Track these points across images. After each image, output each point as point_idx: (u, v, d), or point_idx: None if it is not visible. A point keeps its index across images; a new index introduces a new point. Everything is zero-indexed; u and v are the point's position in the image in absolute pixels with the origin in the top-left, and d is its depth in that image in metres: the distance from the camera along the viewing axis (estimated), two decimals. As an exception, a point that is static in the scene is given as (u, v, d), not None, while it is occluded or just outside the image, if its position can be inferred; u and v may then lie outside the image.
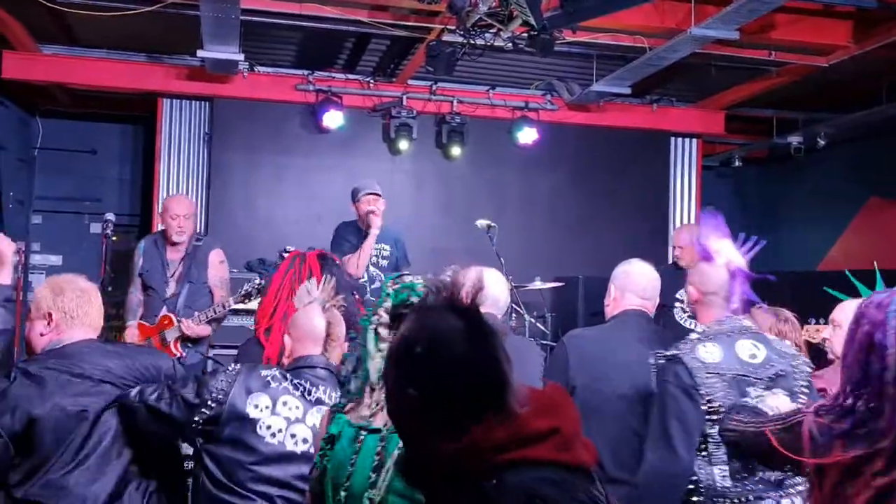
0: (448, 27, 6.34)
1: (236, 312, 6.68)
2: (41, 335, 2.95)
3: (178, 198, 6.10)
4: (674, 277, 6.27)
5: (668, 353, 2.93)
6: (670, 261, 8.70)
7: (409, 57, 7.83)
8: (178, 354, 5.48)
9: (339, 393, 2.61)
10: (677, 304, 6.16)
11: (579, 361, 3.46)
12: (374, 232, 5.82)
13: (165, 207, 5.81)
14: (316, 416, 2.73)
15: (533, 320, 6.33)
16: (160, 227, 6.07)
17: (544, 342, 6.40)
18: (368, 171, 8.49)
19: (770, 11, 5.98)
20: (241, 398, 2.71)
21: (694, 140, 9.56)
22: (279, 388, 2.76)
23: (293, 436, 2.73)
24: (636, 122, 9.11)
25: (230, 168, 8.28)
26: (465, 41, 5.72)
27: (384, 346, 2.05)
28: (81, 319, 2.96)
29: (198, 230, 6.26)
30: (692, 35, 6.23)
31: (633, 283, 3.58)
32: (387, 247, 6.08)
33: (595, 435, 2.71)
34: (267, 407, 2.72)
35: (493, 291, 3.58)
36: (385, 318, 2.08)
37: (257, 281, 5.29)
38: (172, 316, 5.56)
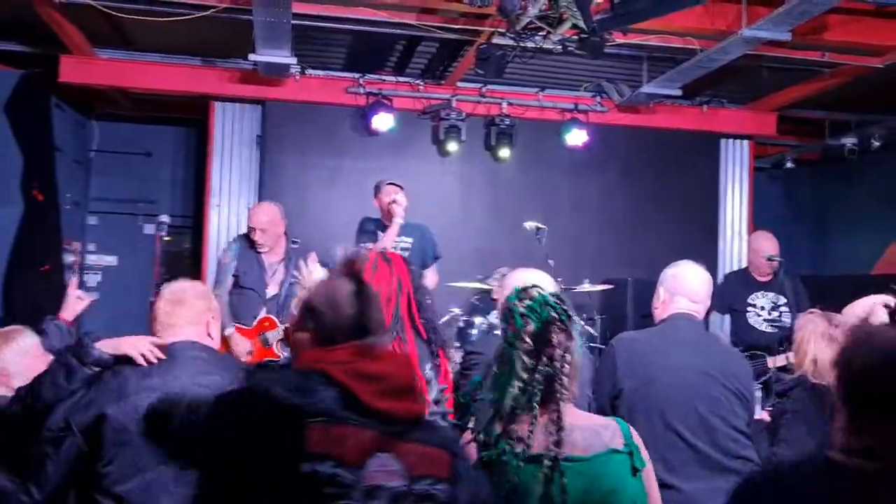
0: (498, 30, 6.37)
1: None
2: None
3: (255, 207, 6.15)
4: (744, 283, 6.34)
5: None
6: (735, 265, 8.68)
7: (458, 59, 7.86)
8: (280, 356, 5.54)
9: None
10: (750, 308, 6.21)
11: (627, 364, 3.44)
12: (398, 221, 5.92)
13: (248, 217, 5.89)
14: None
15: (582, 323, 6.33)
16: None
17: (592, 345, 6.40)
18: (418, 173, 8.59)
19: (822, 13, 5.89)
20: None
21: (745, 142, 9.46)
22: None
23: None
24: (686, 124, 9.04)
25: (281, 170, 8.39)
26: (514, 44, 5.74)
27: (525, 374, 2.21)
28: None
29: (287, 232, 6.27)
30: (743, 37, 6.18)
31: (683, 287, 3.55)
32: (408, 239, 6.15)
33: (643, 438, 2.74)
34: None
35: None
36: (530, 343, 2.23)
37: None
38: (273, 317, 5.61)
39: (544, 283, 3.57)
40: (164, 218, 5.68)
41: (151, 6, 6.42)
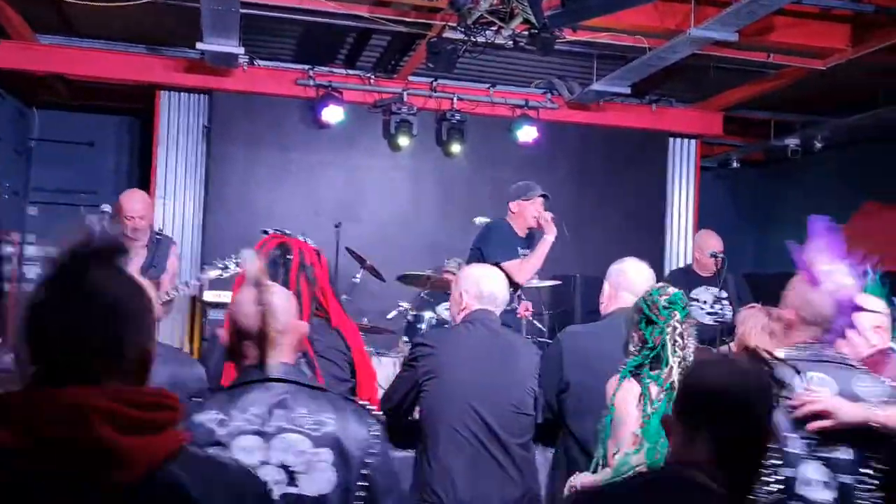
0: (449, 24, 6.35)
1: (216, 306, 6.70)
2: None
3: (130, 195, 5.67)
4: (687, 279, 6.44)
5: None
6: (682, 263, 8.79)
7: (410, 53, 7.84)
8: None
9: None
10: (693, 302, 6.29)
11: (573, 358, 3.49)
12: (551, 238, 5.50)
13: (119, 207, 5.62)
14: None
15: (530, 318, 6.34)
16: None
17: (541, 339, 6.42)
18: (368, 167, 8.56)
19: (769, 14, 6.00)
20: None
21: (692, 141, 9.59)
22: None
23: None
24: (635, 122, 9.13)
25: (229, 161, 8.28)
26: (466, 38, 5.73)
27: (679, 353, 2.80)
28: None
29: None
30: (692, 36, 6.25)
31: (627, 282, 3.60)
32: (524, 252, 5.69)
33: (589, 431, 2.74)
34: None
35: (491, 288, 3.62)
36: (680, 329, 2.85)
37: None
38: None
39: (493, 278, 3.66)
40: (107, 208, 5.55)
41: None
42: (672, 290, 2.96)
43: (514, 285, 5.18)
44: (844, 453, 2.42)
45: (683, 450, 1.84)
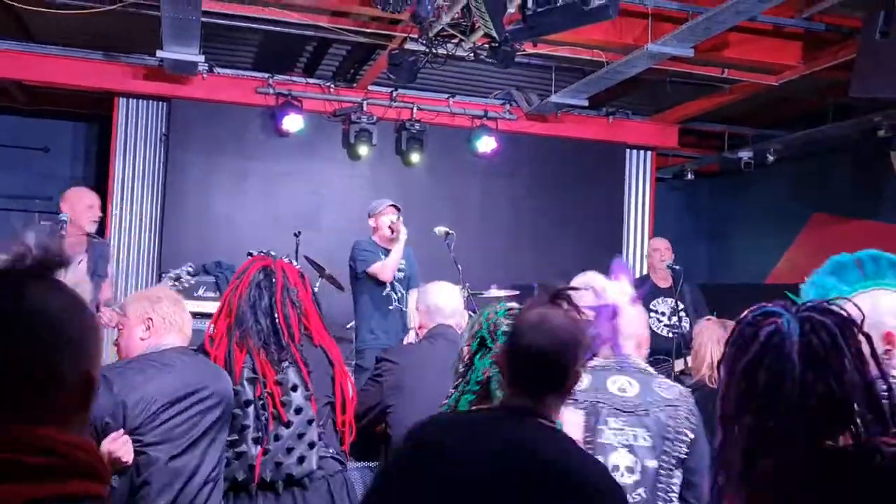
0: (410, 36, 6.39)
1: (194, 315, 6.62)
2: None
3: (79, 191, 5.67)
4: (646, 289, 6.53)
5: None
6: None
7: (369, 63, 7.86)
8: None
9: None
10: (652, 314, 6.38)
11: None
12: (403, 238, 5.94)
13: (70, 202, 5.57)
14: None
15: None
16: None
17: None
18: (328, 176, 8.55)
19: (723, 31, 6.15)
20: None
21: (648, 152, 9.73)
22: None
23: None
24: (593, 134, 9.26)
25: (187, 169, 8.22)
26: (427, 50, 5.77)
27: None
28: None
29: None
30: (649, 51, 6.37)
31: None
32: (403, 261, 6.10)
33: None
34: None
35: (436, 301, 3.70)
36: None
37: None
38: None
39: (445, 293, 3.74)
40: (64, 216, 5.47)
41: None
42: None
43: (381, 283, 5.90)
44: (644, 441, 2.63)
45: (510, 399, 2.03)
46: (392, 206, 6.14)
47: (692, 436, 2.65)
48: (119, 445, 2.66)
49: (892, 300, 2.00)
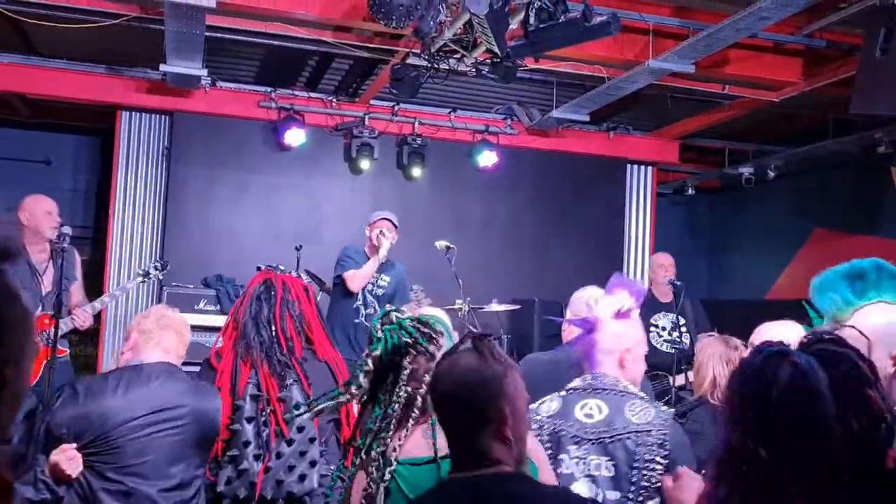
0: (413, 51, 6.42)
1: (194, 329, 6.63)
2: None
3: (38, 199, 5.81)
4: (647, 304, 6.54)
5: None
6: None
7: (371, 77, 7.89)
8: (66, 351, 5.56)
9: None
10: (653, 329, 6.38)
11: (532, 385, 3.52)
12: (383, 252, 5.97)
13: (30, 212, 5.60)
14: None
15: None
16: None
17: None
18: (329, 190, 8.56)
19: (724, 47, 6.18)
20: None
21: (649, 168, 9.74)
22: None
23: None
24: (593, 149, 9.28)
25: (189, 183, 8.23)
26: (429, 65, 5.79)
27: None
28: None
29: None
30: (650, 67, 6.40)
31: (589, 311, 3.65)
32: (386, 278, 6.18)
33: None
34: None
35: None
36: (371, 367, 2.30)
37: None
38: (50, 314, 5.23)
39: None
40: (67, 229, 5.48)
41: (59, 12, 6.24)
42: (396, 316, 2.37)
43: (352, 294, 5.99)
44: (607, 471, 2.58)
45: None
46: (385, 219, 6.18)
47: (665, 462, 2.55)
48: (65, 458, 2.69)
49: None
